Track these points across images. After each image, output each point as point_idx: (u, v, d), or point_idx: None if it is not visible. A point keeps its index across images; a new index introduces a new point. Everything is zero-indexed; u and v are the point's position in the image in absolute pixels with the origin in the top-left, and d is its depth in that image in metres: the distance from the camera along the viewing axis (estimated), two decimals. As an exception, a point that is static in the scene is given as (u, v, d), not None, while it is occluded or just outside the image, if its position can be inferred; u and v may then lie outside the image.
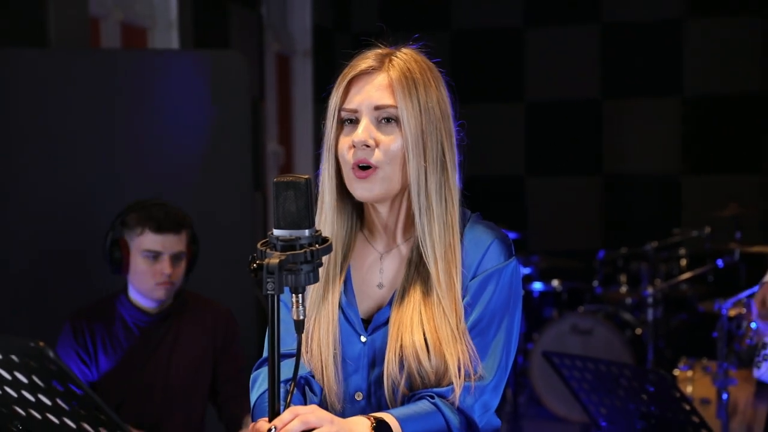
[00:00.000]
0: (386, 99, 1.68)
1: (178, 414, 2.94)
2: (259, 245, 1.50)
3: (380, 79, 1.70)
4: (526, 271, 5.71)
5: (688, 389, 4.36)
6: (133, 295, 2.93)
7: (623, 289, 5.84)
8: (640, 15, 6.68)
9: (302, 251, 1.47)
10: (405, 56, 1.72)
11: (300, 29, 6.17)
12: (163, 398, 2.92)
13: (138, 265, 2.86)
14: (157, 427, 2.88)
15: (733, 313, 4.15)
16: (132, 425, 2.84)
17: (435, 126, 1.69)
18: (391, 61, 1.71)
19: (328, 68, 1.76)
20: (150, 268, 2.84)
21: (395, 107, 1.68)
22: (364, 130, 1.68)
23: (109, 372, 2.92)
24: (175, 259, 2.86)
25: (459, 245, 1.71)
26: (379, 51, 1.74)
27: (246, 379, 2.88)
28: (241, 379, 2.93)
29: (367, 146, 1.68)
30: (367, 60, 1.72)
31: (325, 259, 1.72)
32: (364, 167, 1.68)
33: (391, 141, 1.68)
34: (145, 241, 2.82)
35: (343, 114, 1.72)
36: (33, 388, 1.36)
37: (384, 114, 1.69)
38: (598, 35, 6.77)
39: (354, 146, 1.68)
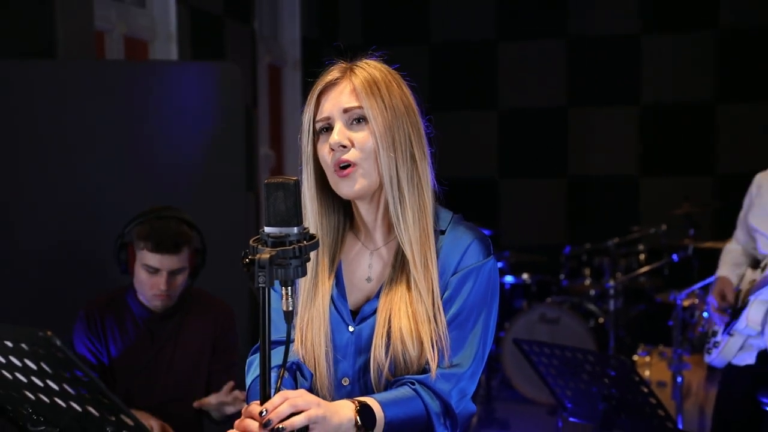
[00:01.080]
0: (353, 101, 1.70)
1: (181, 400, 2.93)
2: (251, 241, 1.50)
3: (345, 85, 1.72)
4: (499, 265, 5.72)
5: (646, 373, 4.38)
6: (139, 296, 2.92)
7: (587, 281, 5.86)
8: (602, 30, 6.69)
9: (291, 247, 1.47)
10: (365, 65, 1.75)
11: (290, 42, 6.16)
12: (167, 386, 2.93)
13: (139, 274, 2.84)
14: (161, 411, 2.87)
15: (686, 303, 4.18)
16: (138, 409, 2.86)
17: (401, 120, 1.71)
18: (352, 70, 1.73)
19: (313, 82, 1.77)
20: (148, 280, 2.82)
21: (361, 107, 1.69)
22: (339, 132, 1.70)
23: (117, 360, 2.92)
24: (172, 274, 2.83)
25: (433, 230, 1.72)
26: (342, 64, 1.76)
27: (233, 375, 2.90)
28: (231, 373, 2.93)
29: (344, 146, 1.69)
30: (332, 73, 1.75)
31: (317, 255, 1.73)
32: (345, 166, 1.69)
33: (364, 138, 1.69)
34: (145, 257, 2.80)
35: (318, 124, 1.73)
36: (41, 374, 1.35)
37: (353, 115, 1.70)
38: (564, 48, 6.79)
39: (332, 149, 1.69)
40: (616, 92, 6.74)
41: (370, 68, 1.74)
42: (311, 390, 1.72)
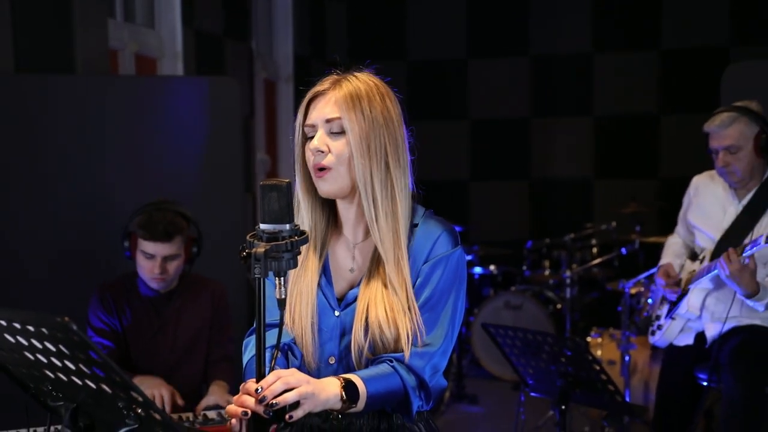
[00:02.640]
0: (334, 113, 1.69)
1: (182, 371, 2.99)
2: (248, 237, 1.50)
3: (330, 97, 1.71)
4: (469, 258, 5.72)
5: (598, 353, 4.39)
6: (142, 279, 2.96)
7: (546, 272, 5.87)
8: (560, 49, 6.71)
9: (284, 242, 1.47)
10: (355, 78, 1.73)
11: (283, 58, 6.14)
12: (170, 359, 2.98)
13: (139, 259, 2.90)
14: (167, 380, 2.92)
15: (633, 291, 4.19)
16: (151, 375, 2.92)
17: (378, 132, 1.69)
18: (340, 82, 1.72)
19: (306, 90, 1.77)
20: (146, 265, 2.88)
21: (341, 119, 1.68)
22: (319, 138, 1.70)
23: (126, 336, 2.96)
24: (165, 260, 2.87)
25: (405, 231, 1.71)
26: (335, 76, 1.75)
27: (230, 348, 2.95)
28: (225, 347, 2.98)
29: (321, 152, 1.68)
30: (323, 84, 1.74)
31: (307, 246, 1.73)
32: (321, 169, 1.69)
33: (340, 146, 1.69)
34: (142, 244, 2.86)
35: (306, 129, 1.74)
36: (60, 356, 1.34)
37: (333, 127, 1.69)
38: (527, 66, 6.80)
39: (313, 153, 1.70)
40: (573, 105, 6.76)
41: (358, 81, 1.72)
42: (301, 368, 1.72)
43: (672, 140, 6.45)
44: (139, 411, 1.38)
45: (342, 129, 1.69)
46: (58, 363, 1.36)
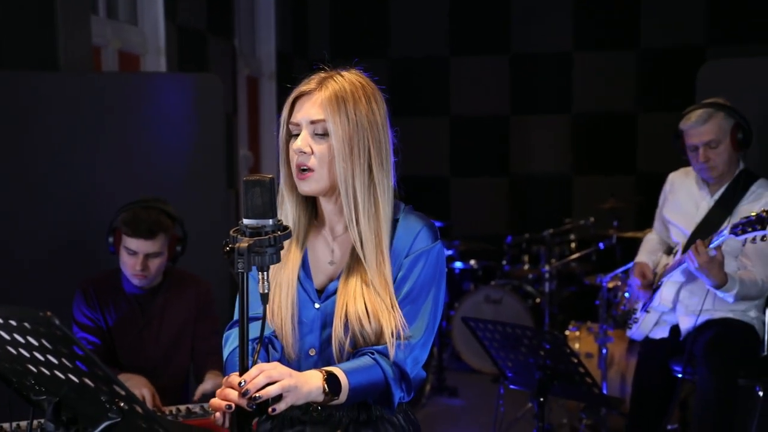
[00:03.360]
0: (318, 114, 1.68)
1: (167, 367, 2.97)
2: (231, 232, 1.50)
3: (316, 98, 1.70)
4: (450, 252, 5.73)
5: (576, 346, 4.42)
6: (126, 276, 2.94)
7: (526, 266, 5.89)
8: (540, 48, 6.73)
9: (267, 237, 1.47)
10: (341, 78, 1.72)
11: (266, 55, 6.12)
12: (155, 355, 2.95)
13: (122, 255, 2.88)
14: (152, 376, 2.90)
15: (611, 285, 4.21)
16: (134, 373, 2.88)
17: (362, 135, 1.68)
18: (327, 82, 1.70)
19: (289, 87, 1.76)
20: (128, 261, 2.86)
21: (325, 121, 1.67)
22: (302, 140, 1.69)
23: (111, 332, 2.93)
24: (147, 257, 2.85)
25: (387, 232, 1.71)
26: (322, 74, 1.74)
27: (217, 341, 2.93)
28: (213, 340, 2.96)
29: (304, 152, 1.68)
30: (309, 83, 1.72)
31: (288, 241, 1.72)
32: (303, 170, 1.68)
33: (324, 149, 1.68)
34: (125, 240, 2.84)
35: (290, 127, 1.73)
36: (43, 350, 1.33)
37: (318, 128, 1.69)
38: (507, 64, 6.81)
39: (296, 153, 1.69)
40: (552, 102, 6.78)
41: (344, 81, 1.71)
42: (281, 360, 1.72)
43: (649, 137, 6.49)
44: (122, 405, 1.38)
45: (326, 131, 1.68)
46: (41, 357, 1.35)
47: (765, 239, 2.82)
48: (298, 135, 1.71)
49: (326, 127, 1.67)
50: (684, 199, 3.35)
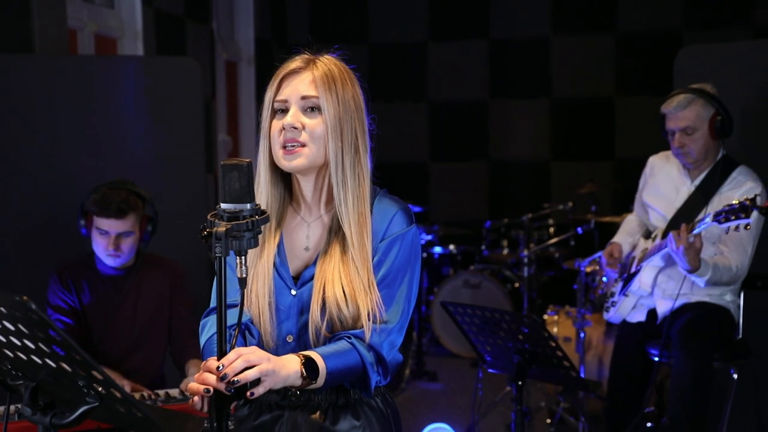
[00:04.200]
0: (311, 91, 1.69)
1: (143, 349, 3.00)
2: (209, 216, 1.49)
3: (306, 75, 1.71)
4: (429, 237, 5.74)
5: (554, 330, 4.45)
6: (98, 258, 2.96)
7: (505, 251, 5.92)
8: (518, 33, 6.73)
9: (244, 221, 1.47)
10: (326, 60, 1.74)
11: (244, 40, 6.08)
12: (131, 336, 2.98)
13: (94, 236, 2.90)
14: (127, 357, 2.95)
15: (589, 269, 4.24)
16: (108, 358, 2.92)
17: (350, 115, 1.70)
18: (315, 63, 1.72)
19: (268, 72, 1.75)
20: (100, 241, 2.88)
21: (318, 98, 1.68)
22: (293, 115, 1.69)
23: (88, 315, 2.95)
24: (120, 237, 2.87)
25: (369, 214, 1.72)
26: (306, 56, 1.75)
27: (194, 321, 2.95)
28: (191, 321, 2.98)
29: (295, 128, 1.68)
30: (295, 62, 1.74)
31: (264, 227, 1.72)
32: (293, 146, 1.68)
33: (315, 125, 1.69)
34: (97, 221, 2.86)
35: (276, 105, 1.72)
36: (19, 335, 1.32)
37: (309, 103, 1.69)
38: (486, 48, 6.82)
39: (284, 128, 1.69)
40: (531, 87, 6.79)
41: (331, 64, 1.73)
42: (259, 347, 1.72)
43: (627, 122, 6.52)
44: (100, 389, 1.37)
45: (316, 106, 1.69)
46: (17, 342, 1.34)
47: (748, 228, 2.85)
48: (284, 112, 1.70)
49: (318, 104, 1.68)
50: (664, 183, 3.38)
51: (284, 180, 1.79)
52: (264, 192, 1.76)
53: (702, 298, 3.25)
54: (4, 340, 1.36)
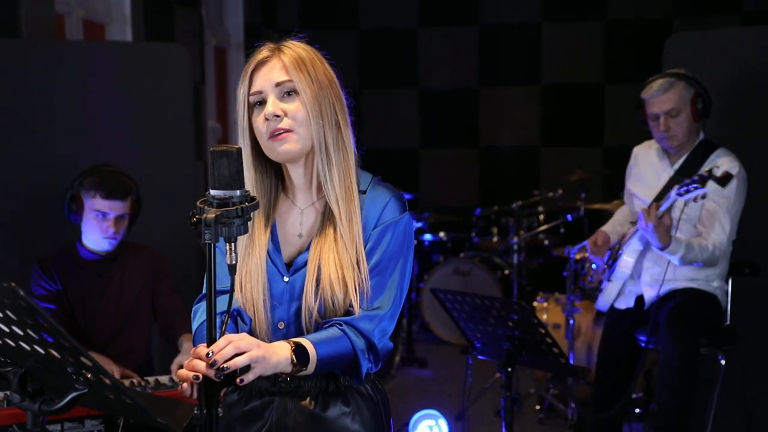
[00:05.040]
0: (283, 76, 1.69)
1: (128, 332, 3.02)
2: (198, 203, 1.48)
3: (275, 63, 1.71)
4: (420, 224, 5.75)
5: (544, 317, 4.46)
6: (87, 242, 2.96)
7: (495, 238, 5.93)
8: (509, 19, 6.73)
9: (234, 208, 1.47)
10: (291, 44, 1.74)
11: (234, 26, 6.05)
12: (117, 320, 2.99)
13: (89, 220, 2.89)
14: (113, 341, 2.97)
15: (578, 256, 4.25)
16: (94, 342, 2.94)
17: (326, 92, 1.70)
18: (280, 49, 1.72)
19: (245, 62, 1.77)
20: (98, 225, 2.88)
21: (291, 81, 1.68)
22: (272, 104, 1.69)
23: (72, 301, 2.96)
24: (119, 219, 2.89)
25: (356, 188, 1.73)
26: (270, 45, 1.75)
27: (178, 299, 2.94)
28: (174, 297, 3.03)
29: (277, 116, 1.67)
30: (261, 53, 1.74)
31: (254, 215, 1.71)
32: (279, 133, 1.68)
33: (296, 108, 1.69)
34: (96, 204, 2.85)
35: (252, 98, 1.72)
36: (7, 321, 1.32)
37: (285, 89, 1.69)
38: (476, 35, 6.81)
39: (267, 119, 1.68)
40: (520, 74, 6.79)
41: (296, 48, 1.73)
42: (250, 333, 1.72)
43: (617, 109, 6.54)
44: (89, 376, 1.37)
45: (293, 91, 1.69)
46: (6, 329, 1.34)
47: (705, 197, 2.90)
48: (262, 104, 1.70)
49: (293, 87, 1.69)
50: (646, 171, 3.40)
51: (273, 170, 1.79)
52: (254, 185, 1.75)
53: (689, 284, 3.26)
54: (-8, 327, 1.35)
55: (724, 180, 2.92)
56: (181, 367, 2.70)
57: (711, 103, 3.21)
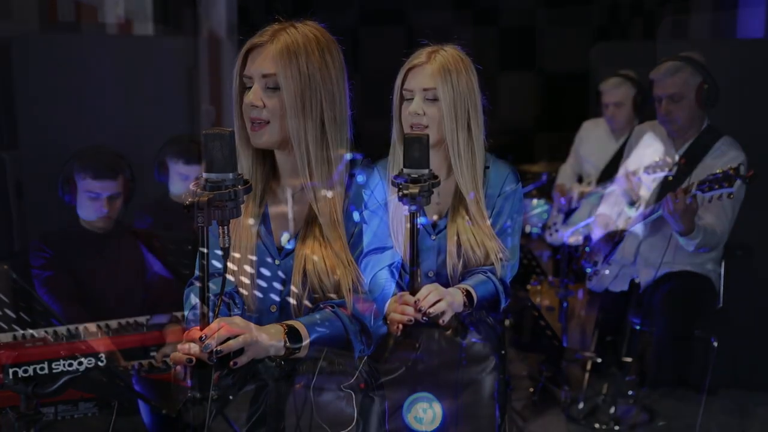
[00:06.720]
0: (270, 68, 1.65)
1: (126, 304, 3.01)
2: (191, 186, 1.47)
3: (267, 51, 1.66)
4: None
5: (538, 300, 4.47)
6: (83, 222, 2.99)
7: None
8: (504, 5, 6.71)
9: (227, 191, 1.46)
10: (294, 30, 1.68)
11: (228, 9, 6.01)
12: (115, 293, 3.01)
13: (83, 201, 2.93)
14: (110, 314, 2.92)
15: (572, 240, 4.26)
16: (91, 316, 2.90)
17: (315, 89, 1.66)
18: (279, 35, 1.67)
19: (246, 39, 1.75)
20: (91, 205, 2.92)
21: (275, 75, 1.65)
22: (254, 93, 1.67)
23: (73, 277, 2.95)
24: (111, 198, 2.92)
25: (342, 187, 1.71)
26: (276, 26, 1.70)
27: (168, 277, 2.97)
28: (164, 275, 3.06)
29: (256, 106, 1.66)
30: (262, 35, 1.69)
31: (248, 198, 1.71)
32: (258, 123, 1.67)
33: (276, 103, 1.66)
34: (87, 185, 2.89)
35: (243, 79, 1.70)
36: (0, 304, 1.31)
37: (269, 82, 1.66)
38: (470, 19, 6.78)
39: (248, 106, 1.67)
40: (515, 59, 6.77)
41: (297, 34, 1.67)
42: (243, 316, 1.71)
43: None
44: (83, 358, 1.37)
45: (277, 85, 1.65)
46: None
47: (731, 197, 2.86)
48: (249, 87, 1.68)
49: (277, 81, 1.65)
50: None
51: (269, 151, 1.77)
52: (245, 165, 1.74)
53: (684, 267, 3.27)
54: (-16, 310, 1.35)
55: (751, 179, 2.88)
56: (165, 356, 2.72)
57: (718, 91, 3.18)
